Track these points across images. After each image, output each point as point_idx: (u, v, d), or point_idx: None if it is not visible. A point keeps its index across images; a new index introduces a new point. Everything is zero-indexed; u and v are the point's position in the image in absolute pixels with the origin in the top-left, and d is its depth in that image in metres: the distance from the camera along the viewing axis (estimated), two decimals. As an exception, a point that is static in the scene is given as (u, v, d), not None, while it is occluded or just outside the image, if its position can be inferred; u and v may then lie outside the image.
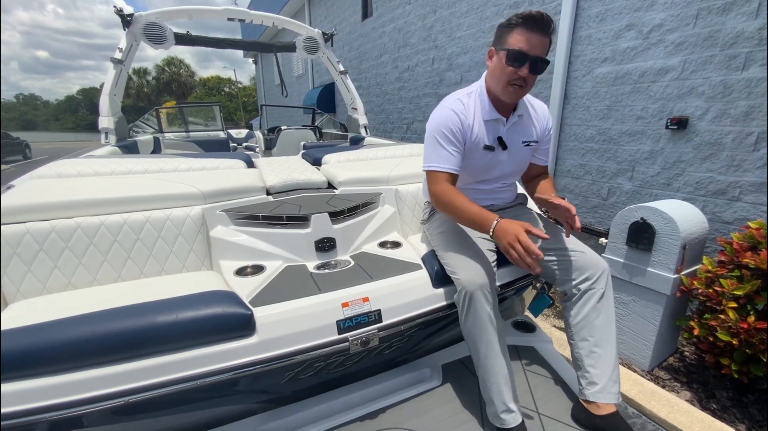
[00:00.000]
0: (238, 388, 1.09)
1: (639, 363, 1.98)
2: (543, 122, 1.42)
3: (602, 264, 1.30)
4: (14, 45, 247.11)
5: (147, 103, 36.38)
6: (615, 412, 1.22)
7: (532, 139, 1.40)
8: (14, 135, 16.01)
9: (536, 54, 1.17)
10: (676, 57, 2.62)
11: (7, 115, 59.47)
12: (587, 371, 1.26)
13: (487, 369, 1.19)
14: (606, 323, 1.27)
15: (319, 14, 9.72)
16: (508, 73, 1.21)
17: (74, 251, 1.19)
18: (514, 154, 1.38)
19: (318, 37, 3.48)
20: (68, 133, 45.95)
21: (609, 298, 1.29)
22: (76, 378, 0.89)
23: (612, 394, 1.23)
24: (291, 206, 1.48)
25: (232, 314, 1.01)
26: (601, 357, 1.25)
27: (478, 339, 1.19)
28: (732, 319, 1.61)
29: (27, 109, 62.94)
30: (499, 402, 1.17)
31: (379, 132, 7.11)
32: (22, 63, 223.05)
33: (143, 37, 2.82)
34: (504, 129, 1.34)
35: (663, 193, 2.79)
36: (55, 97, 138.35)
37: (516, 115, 1.35)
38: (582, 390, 1.27)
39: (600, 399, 1.22)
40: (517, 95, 1.26)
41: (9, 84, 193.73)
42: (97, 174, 1.58)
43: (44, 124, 58.34)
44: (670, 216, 1.77)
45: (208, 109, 5.49)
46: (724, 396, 1.76)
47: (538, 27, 1.15)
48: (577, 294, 1.29)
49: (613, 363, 1.26)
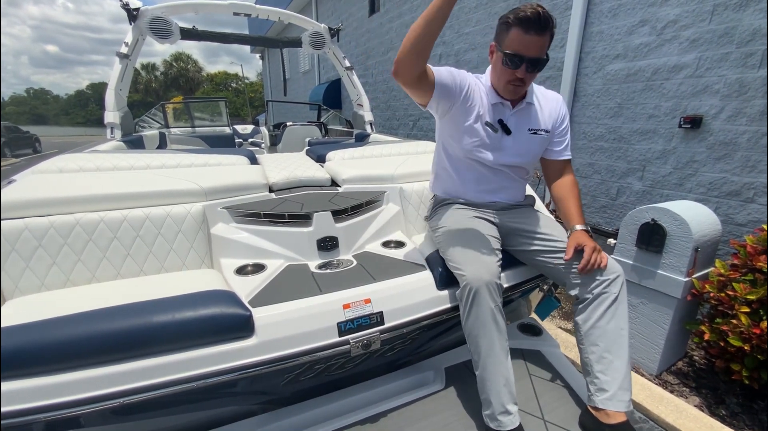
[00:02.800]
0: (237, 390, 1.07)
1: (647, 367, 1.94)
2: (555, 112, 1.40)
3: (617, 268, 1.25)
4: (25, 39, 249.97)
5: (155, 98, 36.61)
6: (626, 421, 1.17)
7: (539, 127, 1.37)
8: (24, 129, 16.21)
9: (533, 55, 1.18)
10: (690, 54, 2.54)
11: (18, 109, 60.35)
12: (597, 377, 1.21)
13: (486, 369, 1.15)
14: (618, 328, 1.22)
15: (326, 9, 9.67)
16: (506, 74, 1.24)
17: (73, 247, 1.18)
18: (520, 141, 1.37)
19: (324, 32, 3.44)
20: (78, 128, 46.46)
21: (623, 303, 1.24)
22: (72, 378, 0.87)
23: (623, 402, 1.18)
24: (293, 204, 1.46)
25: (231, 315, 0.99)
26: (612, 364, 1.20)
27: (480, 336, 1.15)
28: (744, 324, 1.56)
29: (37, 104, 63.71)
30: (497, 403, 1.13)
31: (385, 129, 7.08)
32: (32, 57, 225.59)
33: (149, 31, 2.81)
34: (509, 113, 1.35)
35: (675, 194, 2.73)
36: (65, 91, 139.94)
37: (525, 102, 1.35)
38: (591, 396, 1.22)
39: (609, 407, 1.17)
40: (517, 93, 1.30)
41: (20, 78, 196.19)
42: (98, 169, 1.57)
43: (54, 119, 59.06)
44: (682, 217, 1.72)
45: (214, 105, 5.49)
46: (733, 402, 1.72)
47: (534, 28, 1.14)
48: (590, 299, 1.24)
49: (624, 370, 1.20)
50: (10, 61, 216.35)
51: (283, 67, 3.95)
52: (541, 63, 1.21)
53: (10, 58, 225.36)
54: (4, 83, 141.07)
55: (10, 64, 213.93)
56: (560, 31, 3.47)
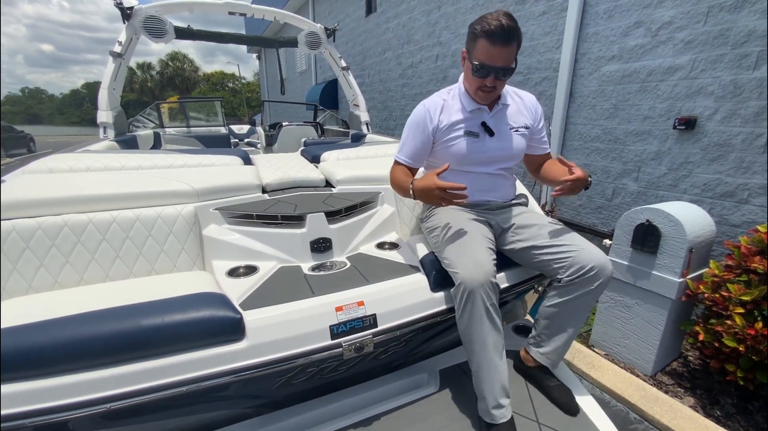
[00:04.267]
0: (228, 393, 1.06)
1: (642, 367, 1.94)
2: (532, 110, 1.48)
3: (602, 260, 1.22)
4: (20, 38, 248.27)
5: (151, 97, 36.36)
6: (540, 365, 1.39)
7: (519, 124, 1.44)
8: (19, 128, 16.07)
9: (500, 65, 1.23)
10: (685, 55, 2.55)
11: (13, 108, 59.88)
12: (539, 336, 1.38)
13: (481, 365, 1.17)
14: (579, 315, 1.30)
15: (323, 9, 9.65)
16: (476, 82, 1.30)
17: (61, 249, 1.16)
18: (504, 139, 1.42)
19: (320, 32, 3.43)
20: (73, 127, 46.12)
21: (591, 298, 1.25)
22: (59, 382, 0.86)
23: (550, 360, 1.37)
24: (286, 205, 1.45)
25: (221, 318, 0.98)
26: (553, 338, 1.34)
27: (475, 334, 1.16)
28: (739, 325, 1.57)
29: (32, 103, 63.23)
30: (491, 398, 1.17)
31: (381, 129, 7.06)
32: (27, 56, 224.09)
33: (143, 30, 2.79)
34: (488, 116, 1.40)
35: (669, 195, 2.74)
36: (60, 90, 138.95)
37: (500, 104, 1.41)
38: (529, 346, 1.42)
39: (543, 362, 1.37)
40: (488, 98, 1.35)
41: (15, 77, 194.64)
42: (89, 170, 1.55)
43: (49, 118, 58.61)
44: (676, 218, 1.73)
45: (209, 104, 5.47)
46: (728, 402, 1.72)
47: (500, 40, 1.18)
48: (564, 283, 1.24)
49: (562, 347, 1.35)
50: (5, 60, 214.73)
51: (280, 67, 3.92)
52: (509, 71, 1.26)
53: (6, 57, 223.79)
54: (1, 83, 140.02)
55: (5, 63, 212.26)
56: (556, 32, 3.47)
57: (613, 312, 2.04)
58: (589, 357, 2.01)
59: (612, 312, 2.04)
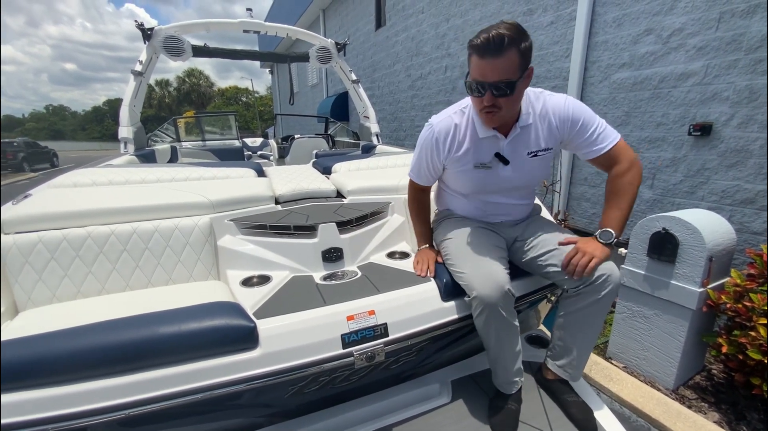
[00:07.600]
0: (242, 402, 1.07)
1: (663, 381, 1.88)
2: (559, 121, 1.25)
3: (610, 268, 1.21)
4: (44, 58, 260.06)
5: (168, 113, 37.56)
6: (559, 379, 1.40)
7: (540, 148, 1.28)
8: (43, 144, 16.73)
9: (493, 80, 1.08)
10: (698, 61, 2.52)
11: (38, 125, 62.50)
12: (555, 348, 1.38)
13: (497, 352, 1.28)
14: (590, 325, 1.29)
15: (334, 24, 9.88)
16: (476, 102, 1.19)
17: (84, 260, 1.20)
18: (520, 167, 1.30)
19: (331, 47, 3.51)
20: (94, 143, 47.83)
21: (605, 306, 1.24)
22: (78, 389, 0.88)
23: (567, 373, 1.38)
24: (298, 215, 1.47)
25: (235, 326, 1.00)
26: (570, 351, 1.34)
27: (491, 333, 1.23)
28: (763, 337, 1.51)
29: (56, 120, 65.96)
30: (503, 374, 1.32)
31: (391, 140, 7.12)
32: (51, 75, 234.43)
33: (162, 49, 2.90)
34: (504, 144, 1.27)
35: (686, 202, 2.68)
36: (83, 107, 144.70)
37: (518, 127, 1.25)
38: (547, 358, 1.42)
39: (561, 375, 1.38)
40: (495, 120, 1.19)
41: (39, 95, 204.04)
42: (111, 183, 1.61)
43: (72, 134, 61.03)
44: (694, 226, 1.69)
45: (224, 119, 5.61)
46: (755, 417, 1.65)
47: (489, 52, 1.05)
48: (575, 293, 1.24)
49: (579, 358, 1.34)
50: (30, 79, 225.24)
51: (291, 81, 4.02)
52: (508, 85, 1.09)
53: (31, 75, 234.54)
54: (25, 101, 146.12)
55: (30, 82, 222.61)
56: (565, 41, 3.48)
57: (630, 323, 1.99)
58: (607, 369, 1.95)
59: (629, 323, 1.99)
